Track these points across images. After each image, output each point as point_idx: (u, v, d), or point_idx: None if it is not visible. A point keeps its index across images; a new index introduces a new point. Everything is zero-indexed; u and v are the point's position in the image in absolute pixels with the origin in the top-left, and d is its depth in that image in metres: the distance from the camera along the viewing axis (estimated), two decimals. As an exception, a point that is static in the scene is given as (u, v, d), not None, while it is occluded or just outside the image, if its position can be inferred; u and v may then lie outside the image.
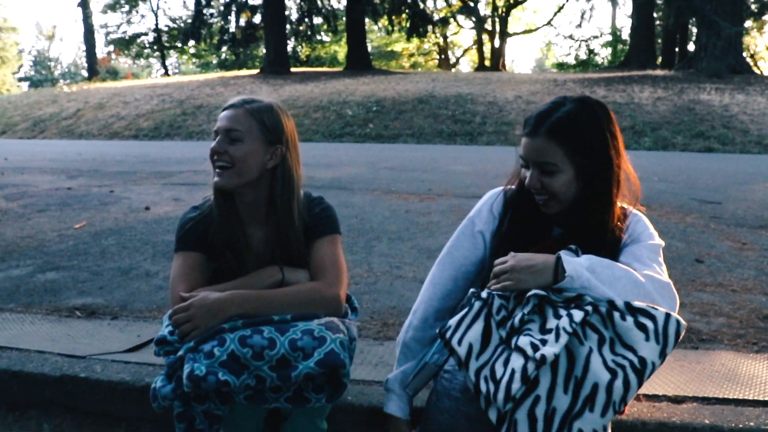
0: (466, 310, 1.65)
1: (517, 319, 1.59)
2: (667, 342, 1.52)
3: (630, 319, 1.54)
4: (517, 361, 1.51)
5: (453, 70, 53.36)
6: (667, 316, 1.55)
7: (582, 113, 1.78)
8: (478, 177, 8.64)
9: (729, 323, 3.10)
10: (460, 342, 1.60)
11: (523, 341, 1.53)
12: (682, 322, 1.55)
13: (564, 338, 1.49)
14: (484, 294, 1.66)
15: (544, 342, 1.51)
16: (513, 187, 1.99)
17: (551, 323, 1.56)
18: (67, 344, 2.73)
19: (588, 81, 24.19)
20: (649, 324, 1.53)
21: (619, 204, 1.89)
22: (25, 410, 2.48)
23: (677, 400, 2.23)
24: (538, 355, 1.47)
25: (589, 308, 1.55)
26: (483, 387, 1.54)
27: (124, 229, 5.17)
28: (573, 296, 1.60)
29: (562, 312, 1.56)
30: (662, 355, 1.52)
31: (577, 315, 1.53)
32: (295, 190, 2.02)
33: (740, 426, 2.03)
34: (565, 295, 1.60)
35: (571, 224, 1.86)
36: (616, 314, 1.56)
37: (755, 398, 2.23)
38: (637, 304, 1.57)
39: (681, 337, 1.55)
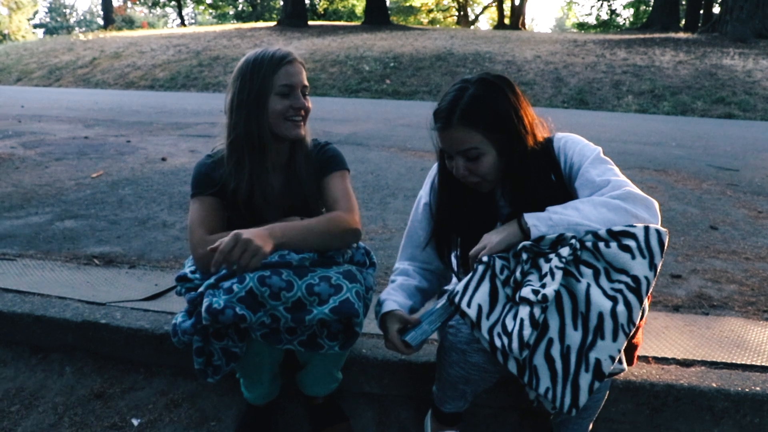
0: (470, 275, 1.69)
1: (518, 273, 1.64)
2: (653, 253, 1.55)
3: (614, 245, 1.57)
4: (524, 310, 1.56)
5: (472, 27, 52.65)
6: (646, 228, 1.57)
7: (486, 92, 1.77)
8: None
9: (740, 290, 3.11)
10: (469, 304, 1.65)
11: (525, 291, 1.58)
12: (662, 230, 1.57)
13: (558, 274, 1.55)
14: (485, 258, 1.69)
15: (543, 286, 1.57)
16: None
17: (545, 268, 1.61)
18: (86, 291, 2.79)
19: (608, 42, 23.79)
20: (632, 243, 1.56)
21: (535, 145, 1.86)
22: (47, 353, 2.56)
23: (686, 363, 2.26)
24: (539, 296, 1.53)
25: (574, 242, 1.59)
26: (498, 342, 1.59)
27: (140, 179, 5.21)
28: (555, 238, 1.63)
29: (551, 255, 1.61)
30: (652, 267, 1.55)
31: (565, 251, 1.58)
32: (309, 135, 2.10)
33: (746, 390, 2.06)
34: (548, 239, 1.64)
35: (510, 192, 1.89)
36: (601, 244, 1.58)
37: (763, 364, 2.26)
38: (617, 227, 1.59)
39: (666, 245, 1.56)
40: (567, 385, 1.55)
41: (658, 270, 1.57)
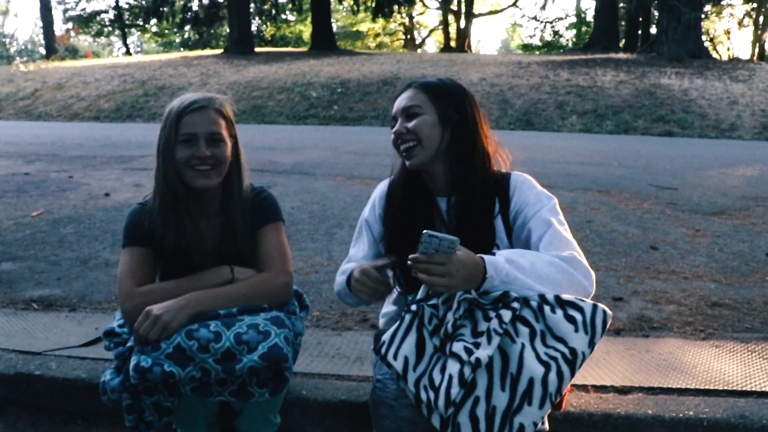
0: (398, 324, 1.70)
1: (450, 325, 1.64)
2: (595, 332, 1.59)
3: (560, 312, 1.60)
4: (453, 367, 1.56)
5: (419, 50, 53.25)
6: (594, 307, 1.61)
7: (453, 85, 1.97)
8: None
9: (679, 311, 3.20)
10: (395, 356, 1.65)
11: (457, 347, 1.58)
12: (608, 311, 1.61)
13: (496, 340, 1.55)
14: (414, 307, 1.69)
15: (477, 345, 1.57)
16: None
17: (482, 326, 1.61)
18: (22, 339, 2.71)
19: (552, 63, 24.34)
20: (578, 316, 1.59)
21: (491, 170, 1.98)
22: (-22, 408, 2.47)
23: (624, 390, 2.30)
24: (472, 358, 1.52)
25: (516, 305, 1.61)
26: (423, 396, 1.59)
27: (83, 216, 5.11)
28: (499, 295, 1.65)
29: (492, 314, 1.62)
30: (591, 345, 1.58)
31: (506, 315, 1.59)
32: (246, 180, 2.07)
33: (680, 416, 2.10)
34: (492, 296, 1.65)
35: (450, 185, 1.95)
36: (547, 308, 1.62)
37: (696, 387, 2.31)
38: (566, 297, 1.63)
39: (607, 326, 1.61)
40: None
41: (593, 349, 1.60)
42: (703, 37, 29.92)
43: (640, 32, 34.80)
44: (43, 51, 48.06)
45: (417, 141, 1.89)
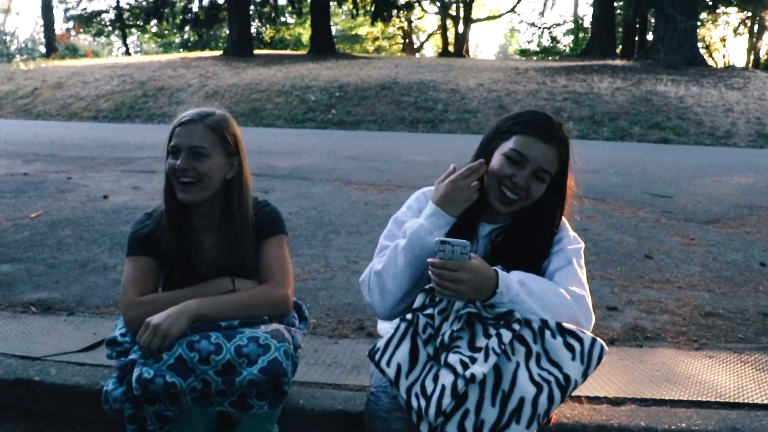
0: (392, 331, 1.73)
1: (446, 336, 1.66)
2: (590, 364, 1.64)
3: (559, 339, 1.65)
4: (447, 378, 1.59)
5: (417, 54, 53.40)
6: (593, 340, 1.66)
7: (567, 138, 1.91)
8: (437, 168, 8.63)
9: (673, 320, 3.23)
10: (389, 363, 1.68)
11: (453, 359, 1.61)
12: (605, 347, 1.67)
13: (492, 359, 1.58)
14: (408, 315, 1.73)
15: (473, 360, 1.59)
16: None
17: (480, 341, 1.64)
18: (21, 343, 2.72)
19: (549, 70, 24.41)
20: (577, 345, 1.64)
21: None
22: (-23, 414, 2.48)
23: (616, 401, 2.32)
24: (468, 373, 1.55)
25: (516, 326, 1.64)
26: (414, 403, 1.62)
27: (81, 219, 5.12)
28: (503, 312, 1.68)
29: (492, 331, 1.64)
30: (584, 376, 1.64)
31: (506, 336, 1.62)
32: (248, 197, 2.08)
33: (672, 428, 2.13)
34: (496, 311, 1.69)
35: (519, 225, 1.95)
36: (548, 332, 1.66)
37: (689, 398, 2.34)
38: (567, 326, 1.68)
39: (602, 361, 1.66)
40: None
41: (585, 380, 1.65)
42: (699, 45, 30.04)
43: (636, 39, 34.90)
44: (43, 49, 48.04)
45: (525, 199, 1.87)
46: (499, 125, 1.94)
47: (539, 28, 60.57)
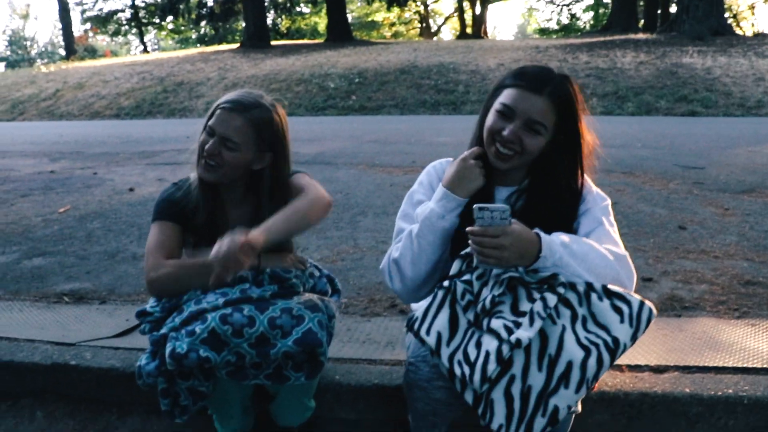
0: (430, 299, 1.69)
1: (487, 301, 1.62)
2: (639, 326, 1.58)
3: (606, 302, 1.60)
4: (491, 344, 1.54)
5: (434, 38, 53.05)
6: (641, 303, 1.61)
7: (571, 89, 1.83)
8: (461, 148, 8.50)
9: (711, 290, 3.15)
10: (428, 332, 1.64)
11: (496, 324, 1.56)
12: (654, 310, 1.61)
13: (538, 323, 1.53)
14: (446, 282, 1.68)
15: (517, 324, 1.54)
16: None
17: (524, 305, 1.59)
18: (56, 331, 2.74)
19: (570, 47, 24.08)
20: (625, 308, 1.59)
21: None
22: (17, 399, 2.50)
23: (659, 369, 2.27)
24: (513, 338, 1.51)
25: (561, 290, 1.59)
26: (457, 371, 1.57)
27: (108, 211, 5.15)
28: (546, 276, 1.63)
29: (536, 295, 1.59)
30: (633, 338, 1.58)
31: (551, 299, 1.57)
32: (281, 189, 2.06)
33: (719, 393, 2.08)
34: (540, 276, 1.64)
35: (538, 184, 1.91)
36: (594, 295, 1.61)
37: (734, 365, 2.28)
38: (613, 288, 1.63)
39: (650, 324, 1.60)
40: (521, 427, 1.52)
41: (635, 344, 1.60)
42: (726, 14, 29.41)
43: (659, 11, 34.34)
44: (62, 52, 48.55)
45: (520, 154, 1.81)
46: (497, 83, 1.90)
47: (558, 5, 59.84)
